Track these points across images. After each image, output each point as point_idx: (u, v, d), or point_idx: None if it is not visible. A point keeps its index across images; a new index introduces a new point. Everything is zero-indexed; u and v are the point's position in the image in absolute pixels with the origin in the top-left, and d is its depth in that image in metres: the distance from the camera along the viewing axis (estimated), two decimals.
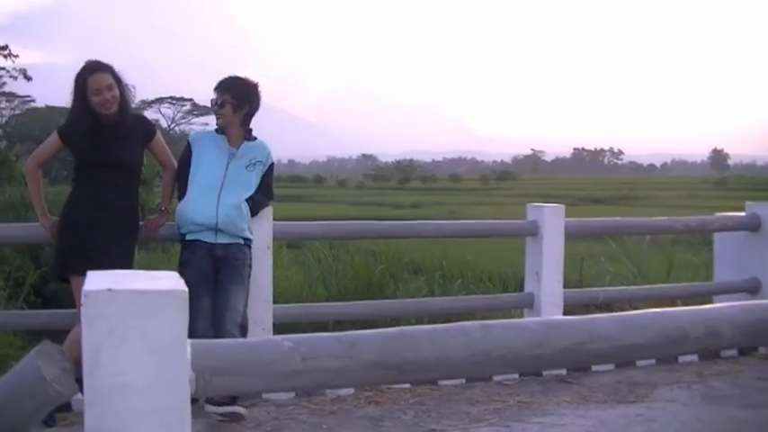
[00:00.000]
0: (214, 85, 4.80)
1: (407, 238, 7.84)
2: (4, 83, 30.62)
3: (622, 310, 7.93)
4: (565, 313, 6.44)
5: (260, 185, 4.85)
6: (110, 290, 1.59)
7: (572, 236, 6.35)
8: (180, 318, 1.58)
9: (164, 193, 5.13)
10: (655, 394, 5.09)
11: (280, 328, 5.21)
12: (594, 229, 6.90)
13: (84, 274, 4.71)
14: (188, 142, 4.88)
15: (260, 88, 4.84)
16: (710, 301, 6.76)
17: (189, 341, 1.64)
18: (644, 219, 7.25)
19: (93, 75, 4.58)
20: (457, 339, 1.78)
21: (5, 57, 29.20)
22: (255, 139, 4.86)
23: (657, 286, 7.12)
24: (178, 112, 74.45)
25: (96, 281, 1.69)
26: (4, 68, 30.02)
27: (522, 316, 6.36)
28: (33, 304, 7.99)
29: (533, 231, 6.12)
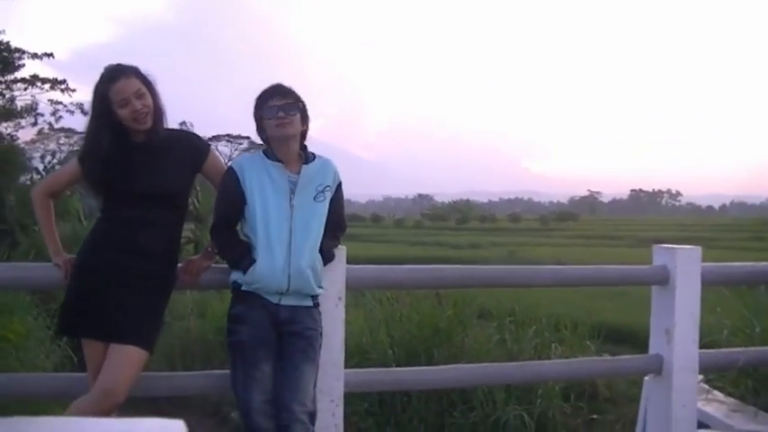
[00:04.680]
0: (259, 94, 3.68)
1: (519, 287, 6.59)
2: (61, 116, 30.44)
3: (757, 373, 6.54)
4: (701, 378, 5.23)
5: (329, 217, 3.72)
6: None
7: (709, 285, 5.07)
8: None
9: None
10: None
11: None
12: (739, 276, 5.55)
13: (94, 337, 3.52)
14: (232, 172, 3.61)
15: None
16: None
17: None
18: None
19: (114, 83, 3.49)
20: None
21: (62, 91, 29.00)
22: (315, 157, 3.72)
23: None
24: (235, 149, 73.12)
25: None
26: (61, 103, 29.82)
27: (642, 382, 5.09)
28: (78, 344, 7.15)
29: (663, 279, 4.87)
